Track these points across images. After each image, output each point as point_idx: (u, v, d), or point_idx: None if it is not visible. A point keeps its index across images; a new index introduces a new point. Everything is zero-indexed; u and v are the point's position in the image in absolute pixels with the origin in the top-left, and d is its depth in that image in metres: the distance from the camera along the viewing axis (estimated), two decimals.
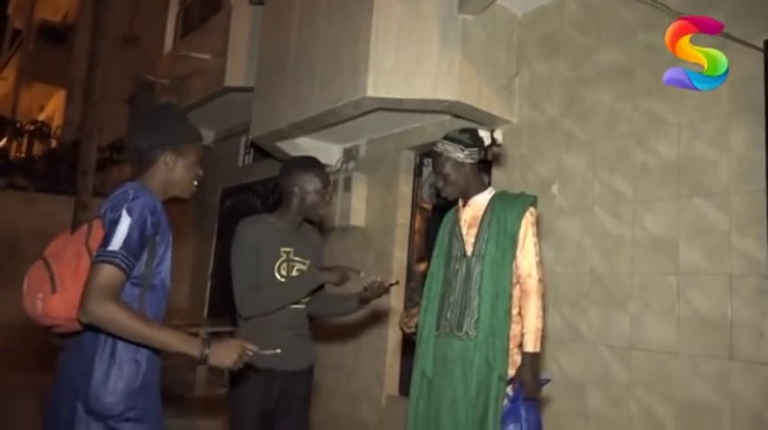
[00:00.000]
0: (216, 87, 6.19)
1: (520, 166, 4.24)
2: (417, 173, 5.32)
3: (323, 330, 4.87)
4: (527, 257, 2.33)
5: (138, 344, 1.66)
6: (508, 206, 2.38)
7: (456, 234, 2.47)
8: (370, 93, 4.07)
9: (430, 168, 5.47)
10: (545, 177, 4.06)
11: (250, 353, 1.70)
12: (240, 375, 2.32)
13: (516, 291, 2.33)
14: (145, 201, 1.70)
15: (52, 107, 16.25)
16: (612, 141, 3.73)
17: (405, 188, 5.23)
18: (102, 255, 1.59)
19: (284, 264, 2.46)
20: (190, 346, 1.62)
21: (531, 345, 2.26)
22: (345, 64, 4.35)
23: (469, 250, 2.40)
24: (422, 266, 5.08)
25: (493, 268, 2.31)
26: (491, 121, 4.29)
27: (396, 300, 5.04)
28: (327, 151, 5.76)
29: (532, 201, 2.41)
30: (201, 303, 7.61)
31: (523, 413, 2.22)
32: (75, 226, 7.79)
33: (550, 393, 3.69)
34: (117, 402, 1.64)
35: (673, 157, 3.42)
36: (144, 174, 1.84)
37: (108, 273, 1.57)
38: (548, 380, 2.38)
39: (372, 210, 5.35)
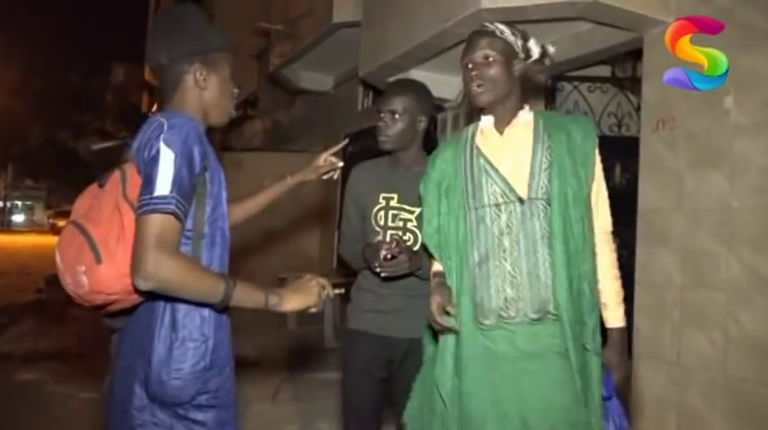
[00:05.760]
0: (325, 26, 5.80)
1: None
2: (550, 99, 4.58)
3: None
4: (600, 194, 1.65)
5: (204, 305, 1.35)
6: (571, 124, 1.69)
7: (485, 171, 1.65)
8: (485, 3, 3.41)
9: (565, 93, 4.70)
10: (714, 88, 3.18)
11: (331, 294, 1.50)
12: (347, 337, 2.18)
13: None
14: (184, 126, 1.31)
15: None
16: None
17: None
18: (148, 204, 1.23)
19: (381, 212, 2.07)
20: (252, 299, 1.36)
21: (619, 319, 1.63)
22: None
23: (523, 191, 1.60)
24: None
25: (565, 210, 1.56)
26: (639, 24, 3.46)
27: None
28: (447, 84, 5.13)
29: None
30: (331, 253, 7.50)
31: (618, 411, 1.59)
32: None
33: (727, 358, 2.96)
34: (184, 386, 1.33)
35: None
36: (172, 98, 1.44)
37: (162, 223, 1.23)
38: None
39: None
